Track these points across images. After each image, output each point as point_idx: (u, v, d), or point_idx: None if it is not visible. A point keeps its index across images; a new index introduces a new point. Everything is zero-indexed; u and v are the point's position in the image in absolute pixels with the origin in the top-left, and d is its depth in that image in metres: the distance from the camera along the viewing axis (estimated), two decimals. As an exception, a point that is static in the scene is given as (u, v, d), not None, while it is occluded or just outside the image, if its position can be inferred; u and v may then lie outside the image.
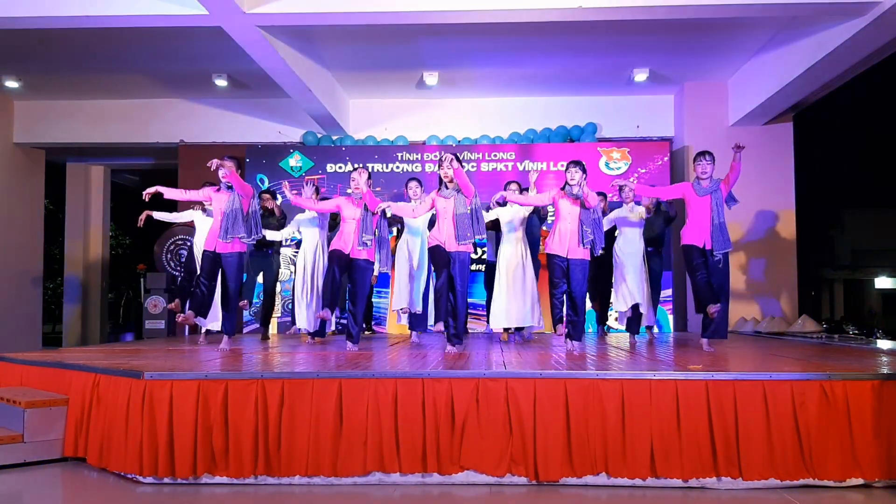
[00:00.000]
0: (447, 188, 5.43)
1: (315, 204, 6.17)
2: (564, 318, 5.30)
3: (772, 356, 4.88)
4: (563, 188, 5.34)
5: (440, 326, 5.26)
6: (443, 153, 6.57)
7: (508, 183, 6.37)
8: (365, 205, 5.47)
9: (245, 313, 8.38)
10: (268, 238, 6.53)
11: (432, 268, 5.82)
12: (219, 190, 5.62)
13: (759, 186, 9.22)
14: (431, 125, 9.74)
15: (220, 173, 5.52)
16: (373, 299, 8.00)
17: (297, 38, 7.44)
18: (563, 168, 5.58)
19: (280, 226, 6.92)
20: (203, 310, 5.58)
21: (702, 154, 5.43)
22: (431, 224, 5.95)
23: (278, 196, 7.66)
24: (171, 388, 3.76)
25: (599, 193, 6.47)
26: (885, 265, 20.98)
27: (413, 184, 6.34)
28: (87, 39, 7.70)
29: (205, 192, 5.74)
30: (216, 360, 4.64)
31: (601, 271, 6.78)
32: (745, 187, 9.21)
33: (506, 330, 6.62)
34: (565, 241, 5.24)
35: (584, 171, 5.29)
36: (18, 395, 4.34)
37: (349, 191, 5.67)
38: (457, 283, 5.32)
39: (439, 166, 5.56)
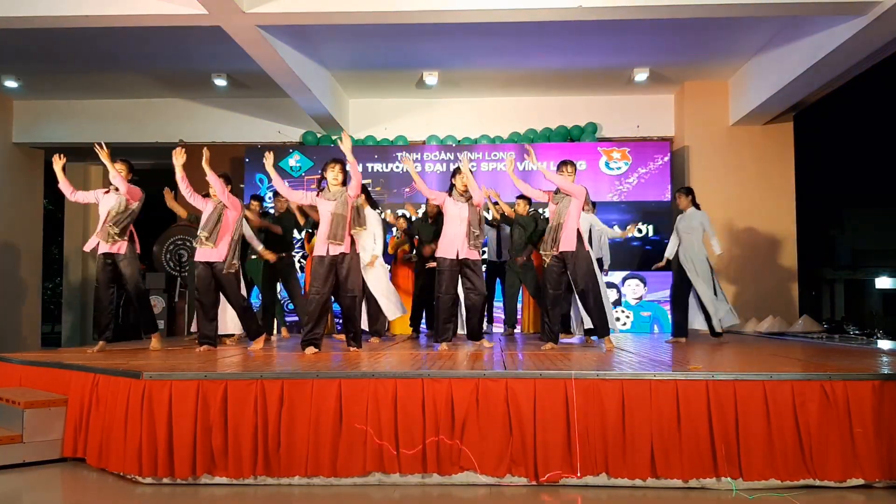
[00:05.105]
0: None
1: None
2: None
3: (772, 356, 4.87)
4: (450, 192, 5.59)
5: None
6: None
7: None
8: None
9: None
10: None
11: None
12: (108, 192, 5.71)
13: (759, 186, 9.23)
14: (431, 125, 9.74)
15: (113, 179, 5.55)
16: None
17: (297, 37, 7.44)
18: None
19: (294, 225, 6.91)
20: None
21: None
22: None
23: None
24: (170, 388, 3.75)
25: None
26: (885, 265, 20.97)
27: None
28: (87, 39, 7.70)
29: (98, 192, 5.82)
30: (216, 361, 4.63)
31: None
32: (746, 187, 9.25)
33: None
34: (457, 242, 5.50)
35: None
36: (18, 396, 4.33)
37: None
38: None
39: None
